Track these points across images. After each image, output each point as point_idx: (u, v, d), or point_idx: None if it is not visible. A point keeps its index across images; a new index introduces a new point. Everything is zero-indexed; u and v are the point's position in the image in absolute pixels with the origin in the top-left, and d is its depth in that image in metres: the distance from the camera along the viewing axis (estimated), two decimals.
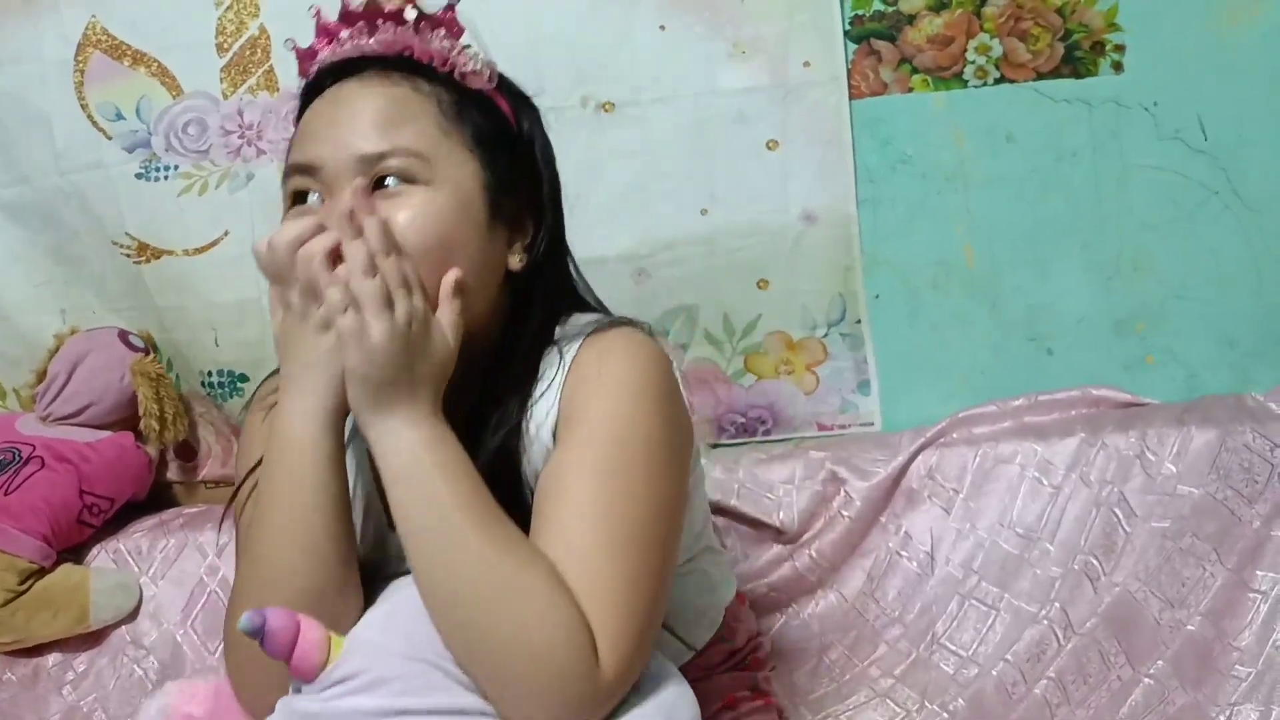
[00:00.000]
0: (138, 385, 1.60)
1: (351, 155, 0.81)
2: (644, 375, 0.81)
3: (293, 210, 0.84)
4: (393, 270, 0.76)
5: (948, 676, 1.26)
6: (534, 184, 0.90)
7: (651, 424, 0.79)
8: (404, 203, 0.80)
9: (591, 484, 0.76)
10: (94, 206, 1.65)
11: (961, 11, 1.41)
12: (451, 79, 0.86)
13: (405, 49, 0.85)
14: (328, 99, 0.85)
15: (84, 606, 1.45)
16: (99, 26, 1.60)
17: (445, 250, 0.81)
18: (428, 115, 0.83)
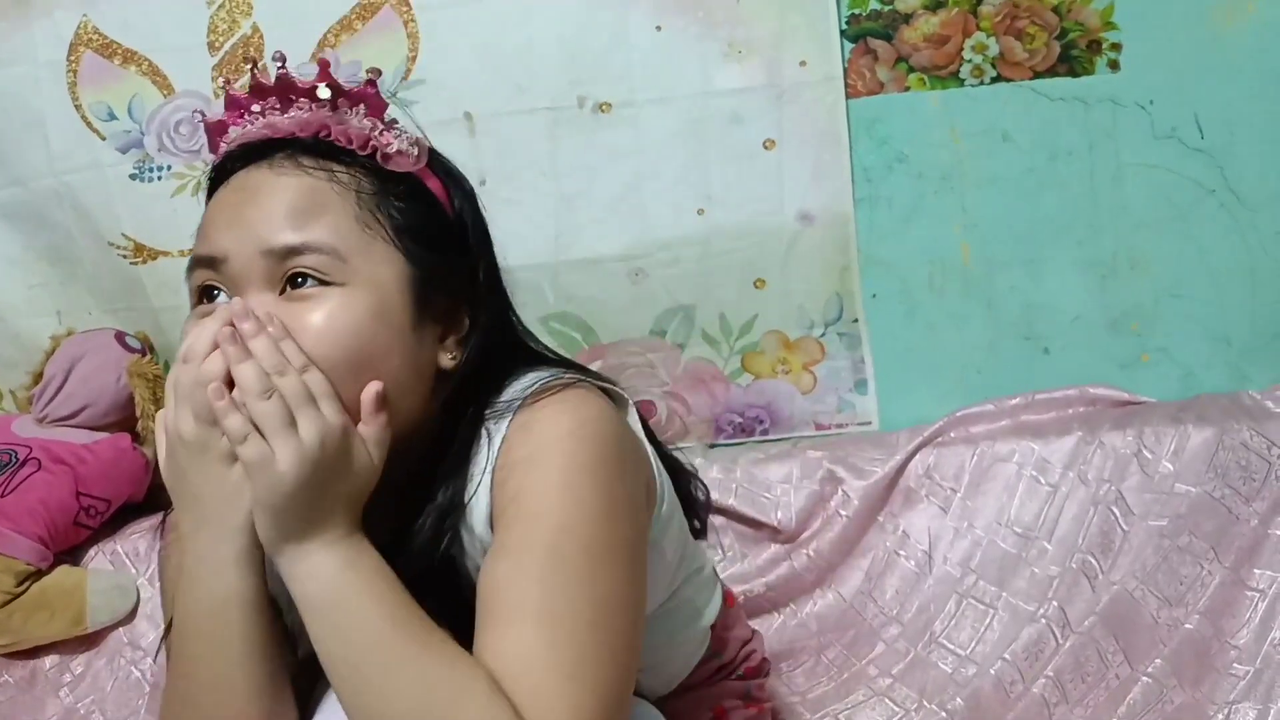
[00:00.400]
0: (134, 386, 1.60)
1: (258, 249, 0.73)
2: (576, 451, 0.73)
3: (197, 310, 0.77)
4: (293, 387, 0.69)
5: (946, 675, 1.26)
6: (469, 271, 0.82)
7: (591, 505, 0.72)
8: (316, 306, 0.72)
9: (532, 586, 0.69)
10: (89, 208, 1.65)
11: (958, 10, 1.41)
12: (374, 162, 0.78)
13: (321, 130, 0.78)
14: (234, 186, 0.77)
15: (81, 608, 1.45)
16: (90, 25, 1.60)
17: (363, 359, 0.73)
18: (345, 207, 0.76)
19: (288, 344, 0.71)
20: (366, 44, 1.54)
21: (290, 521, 0.69)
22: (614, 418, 0.78)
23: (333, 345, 0.72)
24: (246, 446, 0.68)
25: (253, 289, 0.73)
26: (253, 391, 0.68)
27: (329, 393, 0.70)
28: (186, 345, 0.71)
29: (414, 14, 1.52)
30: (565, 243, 1.53)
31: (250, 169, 0.77)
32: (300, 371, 0.70)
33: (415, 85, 1.53)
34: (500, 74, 1.48)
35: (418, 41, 1.53)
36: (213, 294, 0.76)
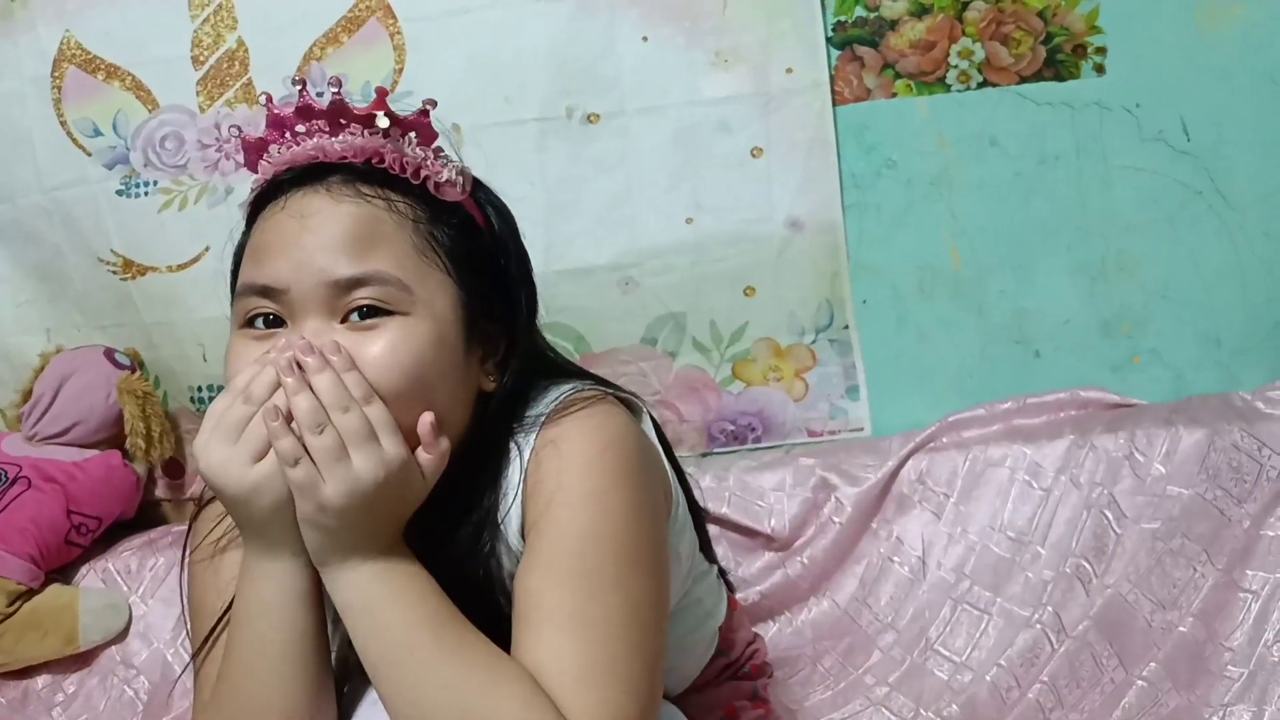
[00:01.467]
0: (124, 403, 1.60)
1: (322, 280, 0.74)
2: (602, 463, 0.76)
3: (249, 333, 0.76)
4: (355, 424, 0.71)
5: (942, 683, 1.26)
6: (508, 296, 0.84)
7: (618, 514, 0.75)
8: (380, 335, 0.74)
9: (565, 594, 0.72)
10: (78, 224, 1.65)
11: (943, 16, 1.41)
12: (425, 190, 0.79)
13: (375, 156, 0.78)
14: (291, 211, 0.76)
15: (73, 627, 1.45)
16: (73, 41, 1.59)
17: (424, 386, 0.75)
18: (403, 236, 0.77)
19: (352, 375, 0.72)
20: (353, 56, 1.54)
21: (335, 540, 0.72)
22: (635, 429, 0.81)
23: (397, 374, 0.73)
24: (297, 470, 0.70)
25: (314, 318, 0.74)
26: (308, 425, 0.70)
27: (391, 425, 0.72)
28: (245, 383, 0.72)
29: (400, 26, 1.52)
30: (556, 253, 1.53)
31: (306, 193, 0.77)
32: (363, 403, 0.71)
33: (403, 97, 1.52)
34: (488, 85, 1.48)
35: (404, 53, 1.53)
36: (269, 320, 0.76)
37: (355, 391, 0.72)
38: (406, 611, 0.72)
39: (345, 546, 0.72)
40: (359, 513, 0.71)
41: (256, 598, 0.75)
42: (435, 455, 0.75)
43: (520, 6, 1.48)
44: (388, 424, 0.72)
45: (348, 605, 0.73)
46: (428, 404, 0.75)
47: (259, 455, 0.71)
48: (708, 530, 1.02)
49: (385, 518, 0.73)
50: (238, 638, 0.77)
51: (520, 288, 0.85)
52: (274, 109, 0.80)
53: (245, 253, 0.79)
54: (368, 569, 0.72)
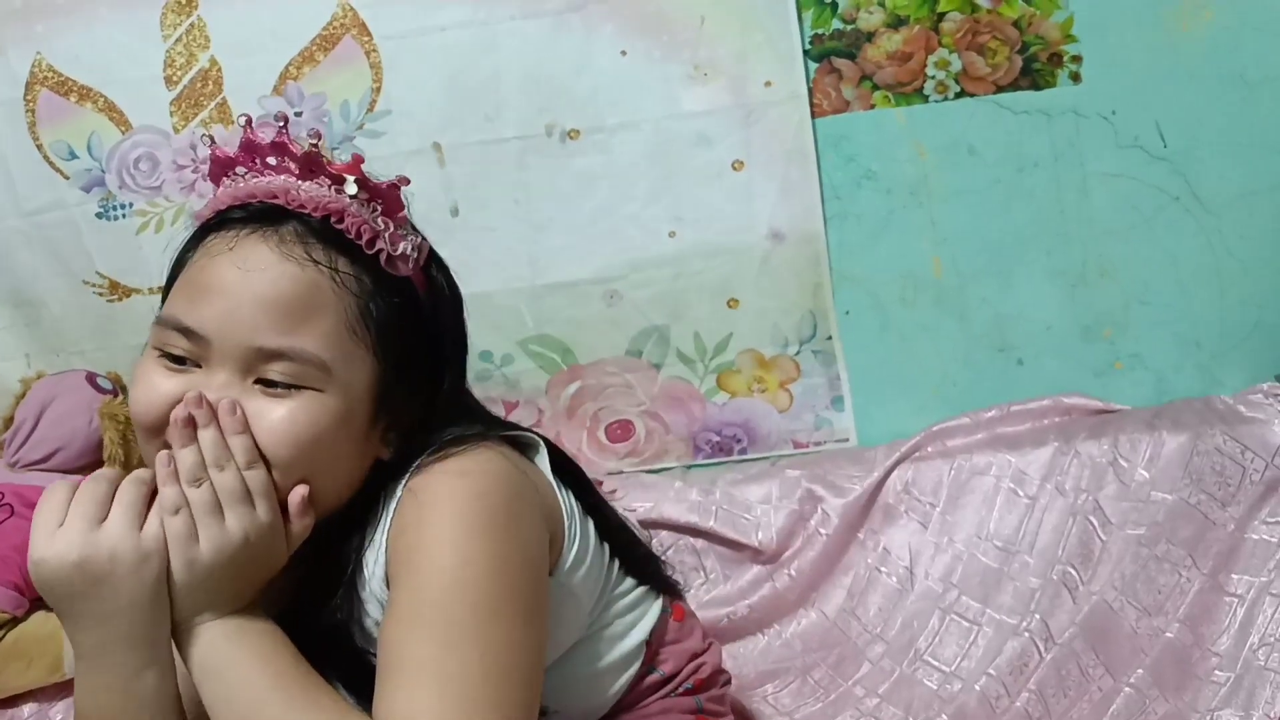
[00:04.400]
0: (104, 429, 1.58)
1: (244, 344, 0.74)
2: (463, 511, 0.75)
3: (158, 361, 0.76)
4: (230, 483, 0.72)
5: (931, 692, 1.26)
6: (433, 373, 0.83)
7: (477, 564, 0.73)
8: (282, 405, 0.74)
9: (422, 646, 0.71)
10: (59, 247, 1.64)
11: (919, 28, 1.41)
12: (374, 260, 0.78)
13: (336, 216, 0.77)
14: (236, 258, 0.75)
15: (58, 656, 1.43)
16: (44, 63, 1.58)
17: (314, 460, 0.75)
18: (339, 312, 0.76)
19: (240, 439, 0.73)
20: (329, 76, 1.53)
21: (195, 596, 0.72)
22: (505, 474, 0.79)
23: (290, 446, 0.74)
24: (177, 519, 0.71)
25: (226, 373, 0.75)
26: (187, 477, 0.72)
27: (266, 491, 0.73)
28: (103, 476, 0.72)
29: (376, 44, 1.52)
30: (540, 267, 1.53)
31: (256, 239, 0.76)
32: (245, 466, 0.73)
33: (381, 116, 1.52)
34: (467, 104, 1.48)
35: (381, 72, 1.52)
36: (182, 359, 0.76)
37: (239, 455, 0.73)
38: (257, 670, 0.72)
39: (203, 604, 0.73)
40: (224, 570, 0.72)
41: (124, 706, 0.73)
42: (299, 528, 0.76)
43: (497, 24, 1.48)
44: (264, 490, 0.73)
45: (201, 664, 0.73)
46: (315, 474, 0.76)
47: (140, 520, 0.71)
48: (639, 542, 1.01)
49: (246, 579, 0.74)
50: None
51: (448, 365, 0.85)
52: (251, 133, 0.79)
53: (180, 281, 0.78)
54: (221, 627, 0.73)
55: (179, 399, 0.74)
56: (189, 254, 0.80)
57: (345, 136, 1.54)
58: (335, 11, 1.51)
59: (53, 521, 0.71)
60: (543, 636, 0.78)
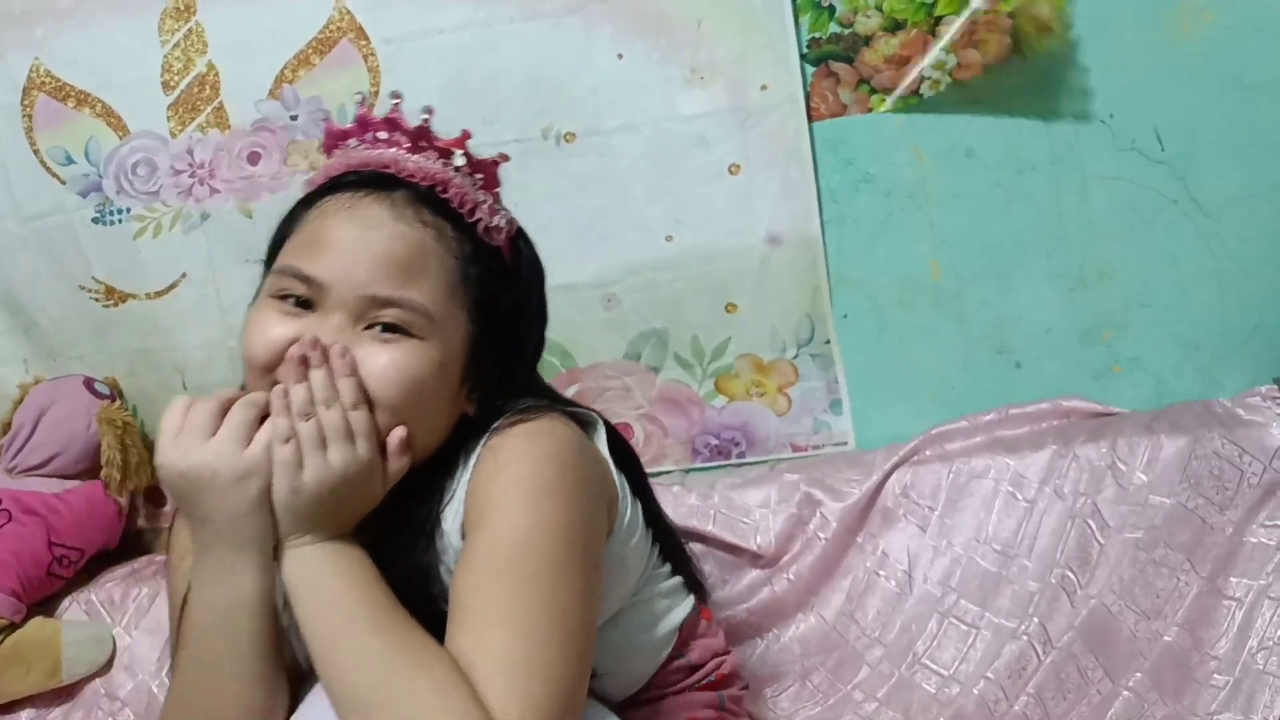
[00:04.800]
0: (102, 433, 1.58)
1: (361, 292, 0.81)
2: (538, 472, 0.82)
3: (273, 304, 0.83)
4: (334, 421, 0.78)
5: (930, 696, 1.26)
6: (516, 343, 0.91)
7: (546, 526, 0.80)
8: (389, 351, 0.81)
9: (494, 593, 0.77)
10: (57, 252, 1.64)
11: (916, 31, 1.41)
12: (472, 229, 0.86)
13: (441, 186, 0.85)
14: (355, 216, 0.83)
15: (56, 661, 1.43)
16: (42, 68, 1.58)
17: (412, 405, 0.82)
18: (444, 271, 0.84)
19: (348, 381, 0.80)
20: (326, 78, 1.54)
21: (298, 520, 0.78)
22: (576, 444, 0.87)
23: (394, 390, 0.81)
24: (286, 447, 0.78)
25: (341, 317, 0.82)
26: (297, 410, 0.78)
27: (367, 431, 0.80)
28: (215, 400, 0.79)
29: (374, 47, 1.52)
30: None
31: (370, 198, 0.84)
32: (350, 406, 0.79)
33: None
34: (465, 107, 1.48)
35: (379, 75, 1.52)
36: (300, 301, 0.83)
37: (346, 395, 0.79)
38: (348, 591, 0.78)
39: (303, 527, 0.79)
40: (324, 498, 0.78)
41: (220, 601, 0.80)
42: (396, 467, 0.82)
43: (494, 26, 1.47)
44: (365, 429, 0.80)
45: (298, 581, 0.79)
46: (411, 420, 0.82)
47: (246, 440, 0.77)
48: (676, 536, 1.09)
49: (345, 510, 0.80)
50: (199, 644, 0.81)
51: (529, 338, 0.93)
52: (365, 111, 0.88)
53: (298, 234, 0.86)
54: (321, 549, 0.79)
55: (292, 341, 0.81)
56: (301, 213, 0.87)
57: None
58: (332, 15, 1.51)
59: (171, 430, 0.78)
60: (598, 597, 0.84)
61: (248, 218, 1.57)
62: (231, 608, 0.80)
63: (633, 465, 1.00)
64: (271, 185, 1.56)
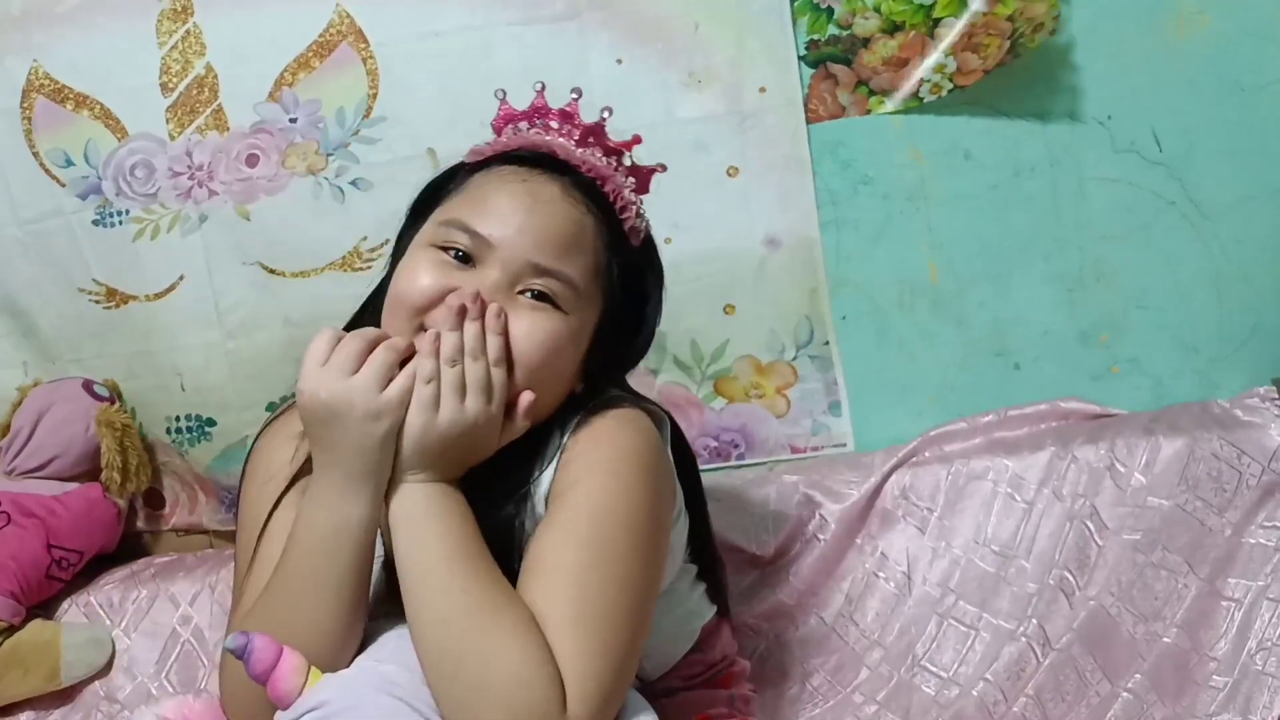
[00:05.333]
0: (101, 436, 1.58)
1: (526, 258, 0.88)
2: (626, 455, 0.89)
3: (430, 253, 0.89)
4: (478, 373, 0.83)
5: (929, 698, 1.26)
6: (632, 336, 0.99)
7: (633, 499, 0.86)
8: (537, 317, 0.88)
9: (572, 553, 0.82)
10: (55, 255, 1.63)
11: (915, 33, 1.41)
12: (619, 225, 0.94)
13: (602, 180, 0.94)
14: (529, 188, 0.90)
15: (55, 664, 1.43)
16: (41, 71, 1.58)
17: (546, 371, 0.88)
18: (596, 253, 0.91)
19: (497, 340, 0.85)
20: (325, 81, 1.53)
21: (421, 456, 0.83)
22: (656, 436, 0.94)
23: (536, 353, 0.87)
24: (426, 387, 0.83)
25: (497, 276, 0.87)
26: (446, 356, 0.83)
27: (504, 388, 0.85)
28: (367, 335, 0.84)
29: (372, 50, 1.52)
30: None
31: (544, 177, 0.92)
32: (494, 363, 0.84)
33: (377, 123, 1.52)
34: (463, 110, 1.48)
35: (377, 78, 1.52)
36: (461, 255, 0.88)
37: (492, 351, 0.84)
38: (448, 532, 0.82)
39: (422, 464, 0.83)
40: (450, 442, 0.83)
41: (329, 524, 0.84)
42: (518, 426, 0.88)
43: (492, 30, 1.48)
44: (502, 387, 0.85)
45: (401, 514, 0.83)
46: (540, 385, 0.88)
47: (385, 382, 0.82)
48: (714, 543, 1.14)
49: (462, 456, 0.85)
50: (299, 561, 0.85)
51: (643, 333, 1.00)
52: (543, 99, 0.97)
53: (465, 192, 0.92)
54: (428, 488, 0.83)
55: (447, 291, 0.86)
56: (467, 176, 0.95)
57: (340, 143, 1.54)
58: (331, 18, 1.52)
59: (317, 359, 0.83)
60: (661, 577, 0.92)
61: (245, 220, 1.57)
62: (339, 531, 0.84)
63: (688, 463, 1.06)
64: (269, 187, 1.56)
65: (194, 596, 1.50)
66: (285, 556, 0.86)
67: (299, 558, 0.85)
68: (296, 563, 0.85)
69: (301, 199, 1.55)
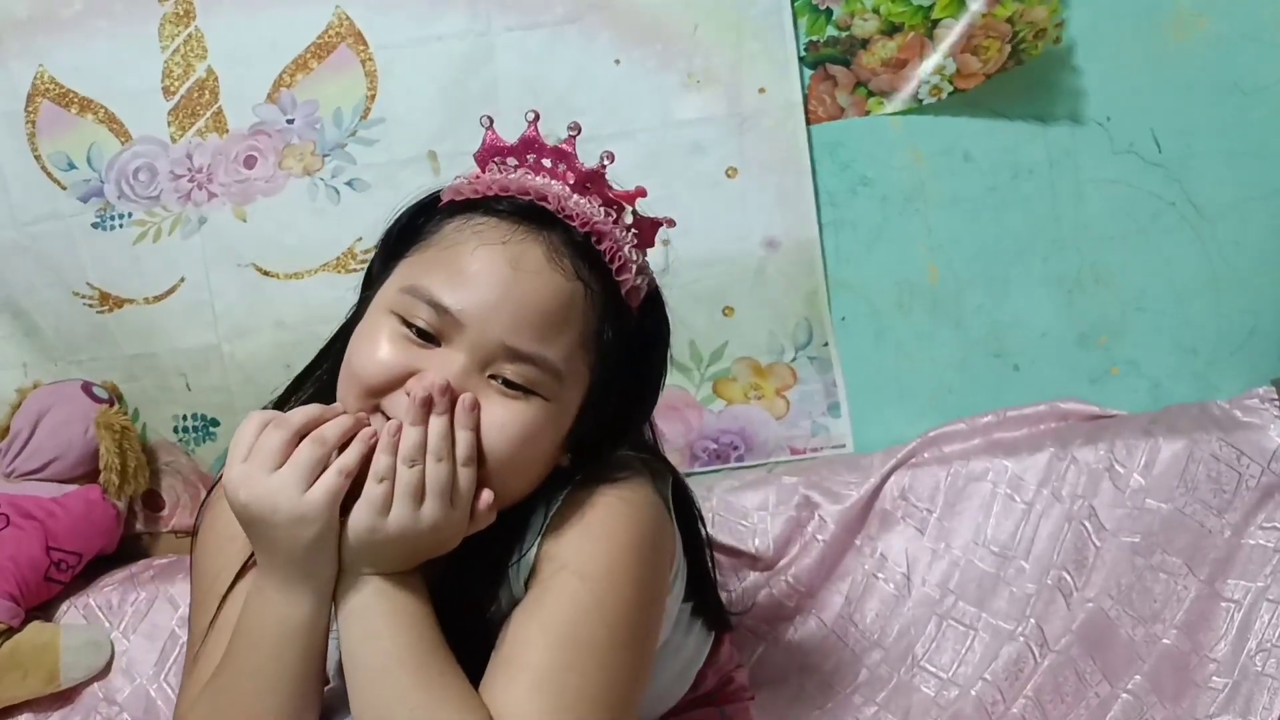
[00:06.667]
0: (100, 438, 1.58)
1: (500, 340, 0.76)
2: (620, 540, 0.80)
3: (401, 332, 0.78)
4: (440, 476, 0.74)
5: (929, 699, 1.26)
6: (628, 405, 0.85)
7: (623, 595, 0.78)
8: (511, 407, 0.77)
9: (550, 654, 0.74)
10: (53, 258, 1.64)
11: (914, 34, 1.41)
12: (614, 286, 0.81)
13: (596, 234, 0.80)
14: (509, 254, 0.77)
15: (54, 666, 1.43)
16: (46, 75, 1.59)
17: (521, 462, 0.78)
18: (581, 328, 0.79)
19: (467, 435, 0.75)
20: (324, 83, 1.54)
21: (365, 555, 0.75)
22: (657, 506, 0.84)
23: (509, 448, 0.76)
24: (378, 487, 0.74)
25: (465, 360, 0.76)
26: (404, 455, 0.73)
27: (468, 493, 0.75)
28: (302, 420, 0.75)
29: (371, 53, 1.52)
30: None
31: (528, 236, 0.78)
32: (462, 463, 0.75)
33: (375, 124, 1.53)
34: (462, 112, 1.48)
35: (376, 80, 1.52)
36: (425, 334, 0.77)
37: (462, 450, 0.74)
38: (400, 630, 0.75)
39: (366, 562, 0.75)
40: (399, 545, 0.75)
41: (272, 622, 0.77)
42: (480, 524, 0.78)
43: (492, 33, 1.48)
44: (467, 492, 0.75)
45: (352, 611, 0.76)
46: (512, 474, 0.78)
47: (309, 482, 0.73)
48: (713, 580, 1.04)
49: (414, 555, 0.76)
50: (244, 655, 0.78)
51: (644, 401, 0.88)
52: (534, 131, 0.82)
53: (436, 247, 0.79)
54: (377, 582, 0.75)
55: (410, 373, 0.76)
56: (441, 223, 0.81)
57: (337, 144, 1.54)
58: (331, 20, 1.52)
59: (240, 452, 0.75)
60: (650, 672, 0.83)
61: (242, 221, 1.57)
62: (282, 629, 0.77)
63: (688, 512, 0.96)
64: (265, 189, 1.56)
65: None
66: (231, 648, 0.79)
67: (244, 651, 0.78)
68: (242, 657, 0.78)
69: (297, 200, 1.56)
